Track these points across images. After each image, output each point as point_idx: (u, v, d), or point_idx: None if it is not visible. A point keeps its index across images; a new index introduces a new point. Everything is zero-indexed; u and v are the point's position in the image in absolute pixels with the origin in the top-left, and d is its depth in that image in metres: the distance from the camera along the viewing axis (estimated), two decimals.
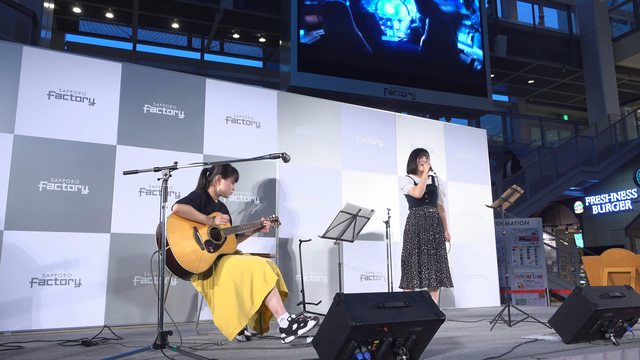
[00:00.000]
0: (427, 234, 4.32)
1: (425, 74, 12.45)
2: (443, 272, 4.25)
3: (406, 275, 4.33)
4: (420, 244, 4.30)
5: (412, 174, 4.52)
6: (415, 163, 4.49)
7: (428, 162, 4.42)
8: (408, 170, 4.57)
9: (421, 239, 4.32)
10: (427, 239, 4.31)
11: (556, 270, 10.05)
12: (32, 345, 3.10)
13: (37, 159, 4.09)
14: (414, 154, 4.54)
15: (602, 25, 15.19)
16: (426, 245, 4.29)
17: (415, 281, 4.24)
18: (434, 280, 4.21)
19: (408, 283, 4.29)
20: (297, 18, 11.25)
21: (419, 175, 4.46)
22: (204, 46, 14.68)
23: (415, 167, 4.49)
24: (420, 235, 4.33)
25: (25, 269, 3.89)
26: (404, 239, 4.43)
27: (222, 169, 3.41)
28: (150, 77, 4.71)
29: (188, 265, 2.95)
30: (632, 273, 5.37)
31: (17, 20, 8.37)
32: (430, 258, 4.26)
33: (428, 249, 4.28)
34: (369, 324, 2.08)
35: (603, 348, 2.72)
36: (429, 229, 4.34)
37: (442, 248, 4.31)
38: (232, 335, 2.94)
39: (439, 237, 4.33)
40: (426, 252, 4.28)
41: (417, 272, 4.26)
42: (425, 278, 4.22)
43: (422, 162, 4.43)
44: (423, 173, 4.35)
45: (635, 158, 13.17)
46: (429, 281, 4.21)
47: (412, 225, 4.40)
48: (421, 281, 4.23)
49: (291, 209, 5.19)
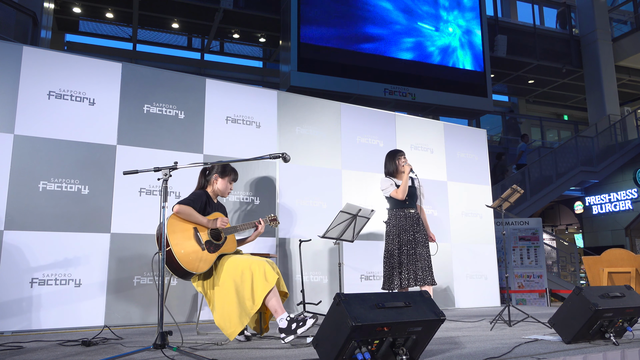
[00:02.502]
0: (407, 234, 4.28)
1: (426, 74, 12.45)
2: (423, 270, 4.18)
3: (387, 277, 4.30)
4: (400, 245, 4.26)
5: (390, 176, 4.45)
6: (394, 164, 4.42)
7: (407, 162, 4.36)
8: (386, 172, 4.48)
9: (402, 240, 4.27)
10: (407, 239, 4.26)
11: (556, 270, 10.05)
12: (32, 345, 3.10)
13: (37, 159, 4.09)
14: (391, 155, 4.46)
15: (602, 25, 15.19)
16: (406, 245, 4.25)
17: (395, 282, 4.20)
18: (412, 280, 4.16)
19: (389, 285, 4.26)
20: (297, 18, 11.25)
21: (399, 177, 4.41)
22: (204, 46, 14.67)
23: (394, 169, 4.42)
24: (401, 236, 4.28)
25: (26, 269, 3.89)
26: (386, 241, 4.38)
27: (221, 169, 3.40)
28: (150, 77, 4.71)
29: (189, 265, 2.95)
30: (632, 273, 5.37)
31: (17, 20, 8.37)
32: (410, 258, 4.21)
33: (408, 249, 4.23)
34: (369, 324, 2.08)
35: (603, 348, 2.72)
36: (409, 230, 4.29)
37: (422, 247, 4.25)
38: (233, 334, 2.94)
39: (419, 236, 4.28)
40: (406, 252, 4.23)
41: (398, 273, 4.21)
42: (404, 278, 4.17)
43: (402, 162, 4.37)
44: (404, 174, 4.27)
45: (635, 158, 13.17)
46: (408, 281, 4.15)
47: (394, 227, 4.34)
48: (401, 282, 4.18)
49: (291, 208, 5.19)
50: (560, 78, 16.33)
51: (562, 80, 16.48)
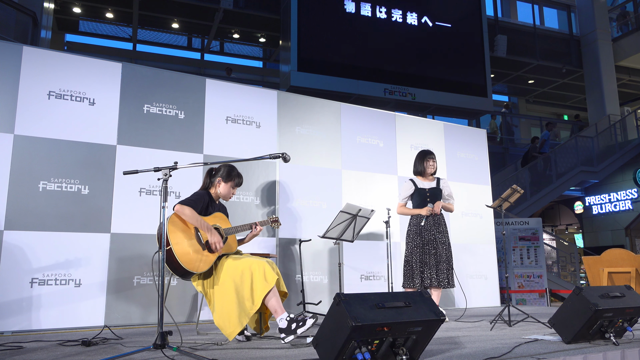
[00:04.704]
0: (428, 234, 4.40)
1: (425, 73, 12.45)
2: (442, 272, 4.31)
3: (407, 275, 4.42)
4: (423, 244, 4.38)
5: (418, 175, 4.60)
6: (422, 165, 4.57)
7: (434, 165, 4.55)
8: (414, 171, 4.64)
9: (424, 238, 4.39)
10: (429, 238, 4.39)
11: (556, 270, 10.05)
12: (32, 345, 3.10)
13: (37, 159, 4.08)
14: (421, 156, 4.61)
15: (602, 25, 15.19)
16: (427, 245, 4.38)
17: (417, 280, 4.32)
18: (434, 280, 4.29)
19: (409, 282, 4.37)
20: (297, 18, 11.25)
21: (425, 177, 4.57)
22: (204, 46, 14.67)
23: (422, 170, 4.57)
24: (422, 234, 4.40)
25: (26, 269, 3.89)
26: (406, 239, 4.52)
27: (226, 173, 3.37)
28: (150, 77, 4.70)
29: (189, 265, 2.95)
30: (632, 273, 5.38)
31: (17, 20, 8.37)
32: (430, 258, 4.33)
33: (429, 249, 4.36)
34: (369, 324, 2.08)
35: (603, 348, 2.72)
36: (430, 229, 4.41)
37: (443, 248, 4.37)
38: (232, 334, 2.94)
39: (440, 237, 4.40)
40: (427, 251, 4.36)
41: (419, 272, 4.33)
42: (427, 277, 4.31)
43: (429, 165, 4.54)
44: (421, 211, 4.40)
45: (635, 158, 13.17)
46: (430, 281, 4.29)
47: (414, 226, 4.48)
48: (423, 280, 4.31)
49: (291, 209, 5.19)
50: (560, 78, 16.33)
51: (562, 80, 16.48)
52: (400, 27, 12.41)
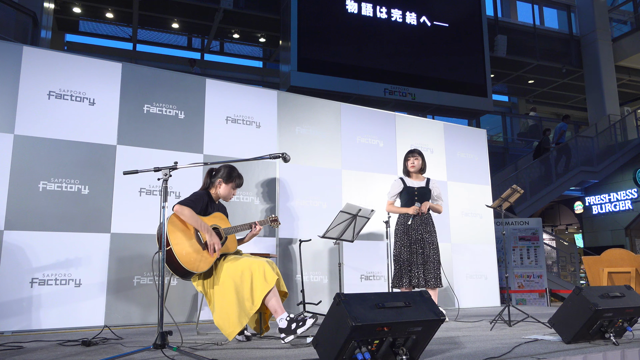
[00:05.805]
0: (415, 233, 4.40)
1: (426, 73, 12.45)
2: (430, 272, 4.31)
3: (397, 274, 4.42)
4: (410, 243, 4.39)
5: (406, 174, 4.65)
6: (405, 164, 4.64)
7: (415, 162, 4.55)
8: (403, 171, 4.70)
9: (411, 237, 4.40)
10: (416, 238, 4.39)
11: (556, 270, 10.05)
12: (32, 345, 3.10)
13: (37, 159, 4.08)
14: (405, 156, 4.67)
15: (602, 25, 15.19)
16: (415, 244, 4.38)
17: (404, 279, 4.32)
18: (422, 279, 4.29)
19: (398, 283, 4.39)
20: (297, 18, 11.25)
21: (415, 177, 4.61)
22: (204, 46, 14.67)
23: (405, 168, 4.64)
24: (410, 233, 4.41)
25: (26, 269, 3.89)
26: (395, 238, 4.53)
27: (227, 173, 3.36)
28: (150, 77, 4.70)
29: (189, 265, 2.95)
30: (632, 273, 5.37)
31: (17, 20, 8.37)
32: (418, 257, 4.34)
33: (416, 248, 4.37)
34: (369, 324, 2.08)
35: (603, 348, 2.72)
36: (417, 228, 4.41)
37: (431, 249, 4.37)
38: (232, 334, 2.94)
39: (427, 237, 4.40)
40: (415, 250, 4.36)
41: (407, 271, 4.33)
42: (414, 277, 4.30)
43: (409, 164, 4.58)
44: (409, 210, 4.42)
45: (635, 158, 13.17)
46: (417, 280, 4.28)
47: (401, 224, 4.49)
48: (410, 279, 4.30)
49: (291, 209, 5.19)
50: (560, 78, 16.33)
51: (562, 80, 16.48)
52: (400, 27, 12.42)
